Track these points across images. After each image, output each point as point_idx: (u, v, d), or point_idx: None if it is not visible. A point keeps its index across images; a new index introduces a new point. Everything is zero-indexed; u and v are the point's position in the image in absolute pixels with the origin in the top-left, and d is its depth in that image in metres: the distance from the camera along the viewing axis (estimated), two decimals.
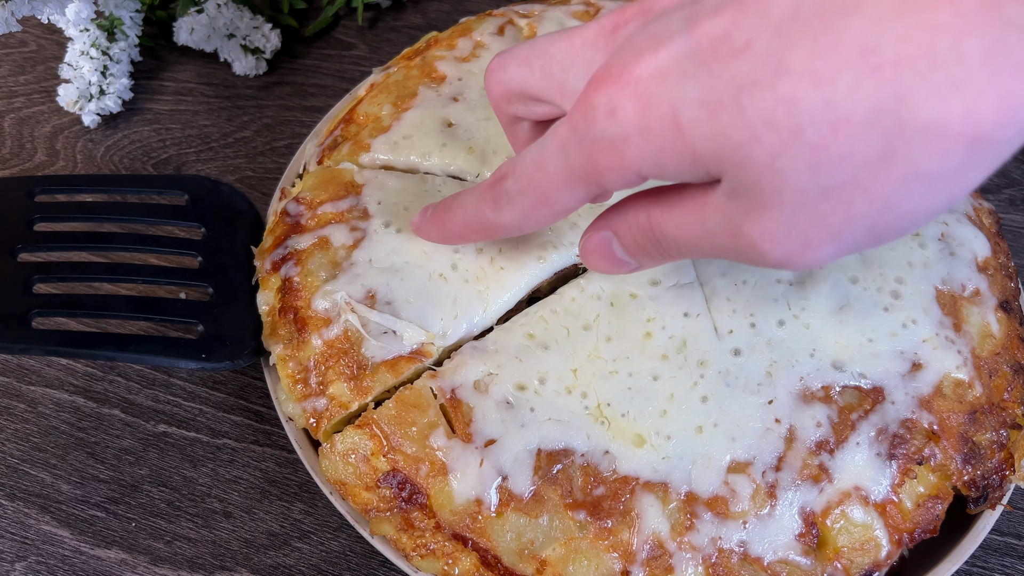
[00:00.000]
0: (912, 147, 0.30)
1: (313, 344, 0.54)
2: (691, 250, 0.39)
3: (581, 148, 0.37)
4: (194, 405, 0.67)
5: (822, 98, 0.30)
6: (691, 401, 0.50)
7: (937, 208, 0.32)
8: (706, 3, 0.33)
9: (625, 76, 0.34)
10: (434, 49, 0.67)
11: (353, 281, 0.55)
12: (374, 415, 0.52)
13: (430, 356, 0.53)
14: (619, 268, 0.44)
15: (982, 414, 0.51)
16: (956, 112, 0.28)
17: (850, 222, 0.33)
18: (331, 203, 0.59)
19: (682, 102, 0.33)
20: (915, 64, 0.28)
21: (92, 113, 0.80)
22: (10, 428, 0.66)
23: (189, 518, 0.62)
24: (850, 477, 0.49)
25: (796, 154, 0.31)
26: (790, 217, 0.33)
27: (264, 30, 0.83)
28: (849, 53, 0.29)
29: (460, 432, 0.50)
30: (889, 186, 0.31)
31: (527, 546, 0.48)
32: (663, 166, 0.35)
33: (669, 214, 0.38)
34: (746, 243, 0.35)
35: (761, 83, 0.31)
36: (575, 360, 0.52)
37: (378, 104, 0.65)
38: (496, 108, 0.48)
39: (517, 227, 0.45)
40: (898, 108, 0.29)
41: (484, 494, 0.49)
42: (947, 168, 0.30)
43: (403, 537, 0.50)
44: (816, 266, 0.36)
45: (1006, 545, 0.59)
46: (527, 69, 0.44)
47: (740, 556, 0.48)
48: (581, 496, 0.49)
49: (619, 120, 0.35)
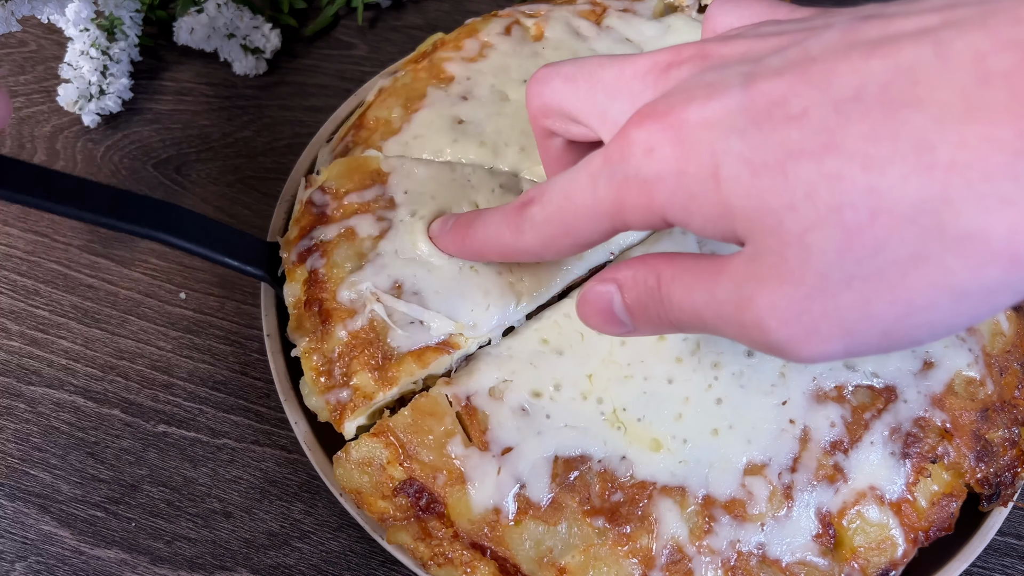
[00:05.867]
0: (948, 253, 0.27)
1: (338, 336, 0.51)
2: (692, 319, 0.36)
3: (612, 183, 0.35)
4: (194, 405, 0.64)
5: (868, 183, 0.28)
6: (706, 404, 0.48)
7: (958, 325, 0.29)
8: (769, 63, 0.31)
9: (671, 117, 0.32)
10: (441, 51, 0.64)
11: (379, 272, 0.52)
12: (389, 423, 0.49)
13: (459, 348, 0.51)
14: (613, 327, 0.40)
15: (994, 412, 0.50)
16: (1000, 228, 0.26)
17: (867, 320, 0.30)
18: (356, 193, 0.56)
19: (725, 155, 0.31)
20: (968, 171, 0.26)
21: (92, 113, 0.77)
22: (10, 428, 0.64)
23: (189, 518, 0.60)
24: (865, 477, 0.47)
25: (829, 233, 0.29)
26: (806, 299, 0.30)
27: (264, 30, 0.80)
28: (904, 146, 0.27)
29: (477, 440, 0.48)
30: (916, 290, 0.28)
31: (546, 554, 0.46)
32: (691, 214, 0.33)
33: (681, 278, 0.35)
34: (752, 317, 0.32)
35: (809, 154, 0.29)
36: (590, 365, 0.50)
37: (387, 108, 0.62)
38: (532, 120, 0.45)
39: (537, 254, 0.42)
40: (942, 210, 0.27)
41: (502, 503, 0.47)
42: (979, 284, 0.28)
43: (420, 546, 0.47)
44: (816, 362, 0.32)
45: (1006, 545, 0.57)
46: (571, 87, 0.41)
47: (759, 558, 0.46)
48: (599, 502, 0.47)
49: (656, 160, 0.33)
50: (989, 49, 0.26)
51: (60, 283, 0.70)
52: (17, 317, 0.69)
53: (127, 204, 0.52)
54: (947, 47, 0.27)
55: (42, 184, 0.50)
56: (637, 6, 0.64)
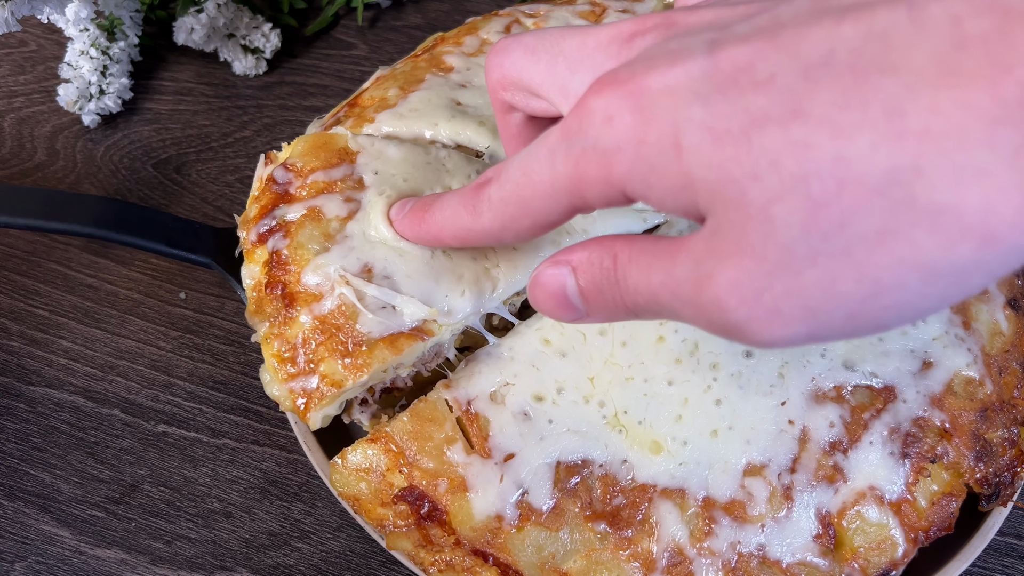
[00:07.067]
0: (918, 228, 0.25)
1: (302, 321, 0.48)
2: (648, 301, 0.33)
3: (570, 155, 0.33)
4: (194, 405, 0.64)
5: (835, 151, 0.26)
6: (705, 405, 0.47)
7: (927, 308, 0.28)
8: (737, 30, 0.29)
9: (631, 85, 0.30)
10: (441, 46, 0.64)
11: (347, 254, 0.49)
12: (387, 428, 0.48)
13: (433, 334, 0.48)
14: (564, 312, 0.37)
15: (993, 411, 0.49)
16: (973, 201, 0.24)
17: (831, 300, 0.28)
18: (323, 171, 0.52)
19: (687, 122, 0.29)
20: (941, 140, 0.24)
21: (92, 113, 0.77)
22: (10, 428, 0.64)
23: (189, 518, 0.59)
24: (864, 477, 0.47)
25: (794, 205, 0.27)
26: (768, 276, 0.28)
27: (264, 30, 0.80)
28: (875, 112, 0.25)
29: (478, 447, 0.47)
30: (883, 267, 0.26)
31: (548, 560, 0.45)
32: (651, 187, 0.30)
33: (638, 259, 0.33)
34: (710, 296, 0.29)
35: (775, 120, 0.27)
36: (592, 367, 0.49)
37: (384, 88, 0.60)
38: (492, 92, 0.43)
39: (496, 236, 0.40)
40: (913, 182, 0.25)
41: (504, 510, 0.46)
42: (950, 263, 0.26)
43: (421, 552, 0.47)
44: (776, 346, 0.29)
45: (1006, 545, 0.57)
46: (532, 59, 0.39)
47: (759, 559, 0.45)
48: (600, 507, 0.46)
49: (615, 128, 0.31)
50: (965, 12, 0.25)
51: (60, 283, 0.70)
52: (17, 317, 0.68)
53: (62, 205, 0.51)
54: (921, 11, 0.25)
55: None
56: (636, 6, 0.64)
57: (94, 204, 0.52)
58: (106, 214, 0.52)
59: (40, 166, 0.76)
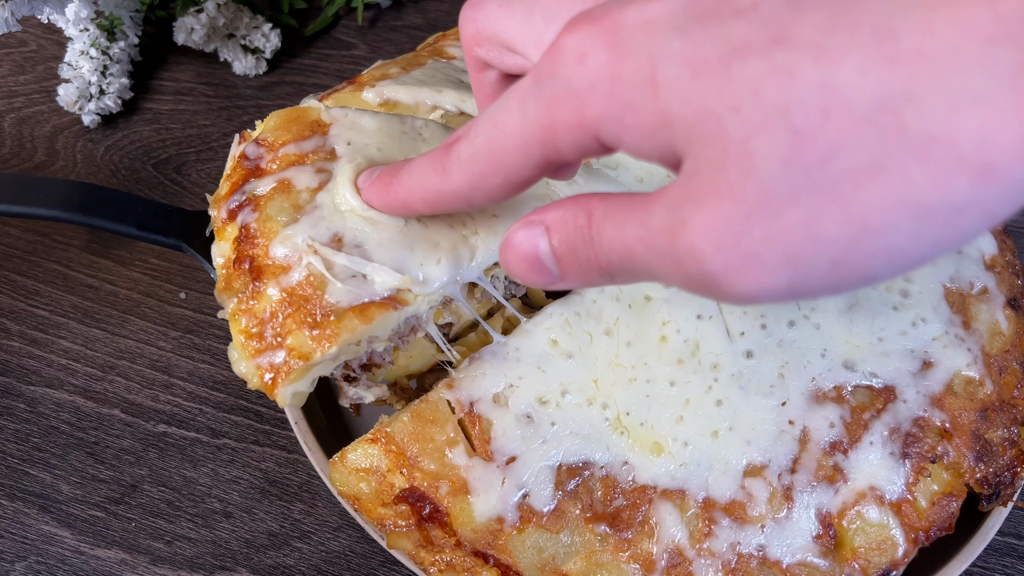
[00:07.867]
0: (908, 160, 0.23)
1: (269, 294, 0.45)
2: (623, 258, 0.31)
3: (541, 100, 0.30)
4: (194, 405, 0.64)
5: (820, 77, 0.24)
6: (706, 405, 0.47)
7: (919, 255, 0.25)
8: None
9: (606, 21, 0.28)
10: (442, 41, 0.63)
11: (317, 224, 0.46)
12: (388, 430, 0.47)
13: (407, 304, 0.45)
14: (537, 275, 0.35)
15: (993, 411, 0.49)
16: (969, 130, 0.22)
17: (815, 245, 0.25)
18: (294, 144, 0.49)
19: (664, 55, 0.26)
20: (934, 61, 0.22)
21: (92, 113, 0.76)
22: (10, 428, 0.63)
23: (189, 518, 0.59)
24: (865, 477, 0.47)
25: (775, 137, 0.24)
26: (747, 218, 0.26)
27: (264, 30, 0.79)
28: (863, 35, 0.23)
29: (480, 449, 0.46)
30: (871, 205, 0.24)
31: (548, 561, 0.45)
32: (626, 128, 0.28)
33: (613, 214, 0.31)
34: (684, 244, 0.27)
35: (757, 48, 0.25)
36: (597, 369, 0.48)
37: (385, 68, 0.59)
38: (466, 48, 0.40)
39: (466, 198, 0.36)
40: (903, 108, 0.23)
41: (505, 512, 0.45)
42: (944, 200, 0.23)
43: (421, 552, 0.46)
44: (755, 300, 0.27)
45: (1006, 545, 0.57)
46: (507, 12, 0.37)
47: (759, 560, 0.45)
48: (601, 508, 0.46)
49: (588, 66, 0.28)
50: None
51: (60, 283, 0.69)
52: (17, 317, 0.68)
53: (27, 188, 0.51)
54: None
55: None
56: None
57: (62, 187, 0.51)
58: (72, 197, 0.51)
59: (40, 166, 0.76)
